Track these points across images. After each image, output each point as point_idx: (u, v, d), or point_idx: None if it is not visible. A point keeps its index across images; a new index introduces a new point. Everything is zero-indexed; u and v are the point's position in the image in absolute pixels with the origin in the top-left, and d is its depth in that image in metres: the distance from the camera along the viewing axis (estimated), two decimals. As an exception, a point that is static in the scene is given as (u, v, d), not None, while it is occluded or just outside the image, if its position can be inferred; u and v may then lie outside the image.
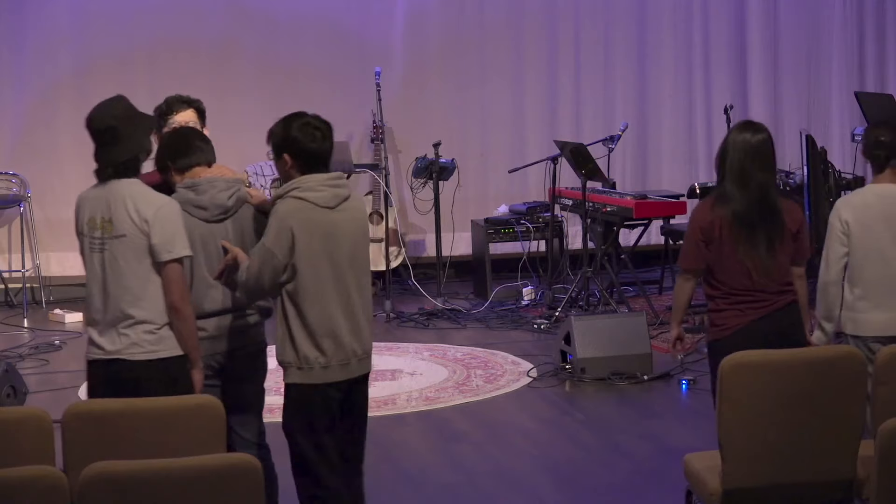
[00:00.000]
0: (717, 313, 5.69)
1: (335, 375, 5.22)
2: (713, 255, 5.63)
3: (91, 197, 5.19)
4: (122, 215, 5.09)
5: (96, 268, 5.14)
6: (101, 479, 4.00)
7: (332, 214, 5.19)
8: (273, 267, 5.11)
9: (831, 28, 12.54)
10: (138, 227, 5.08)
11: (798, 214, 5.74)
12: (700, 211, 5.73)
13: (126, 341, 5.10)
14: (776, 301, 5.64)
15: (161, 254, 5.09)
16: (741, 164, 5.61)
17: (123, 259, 5.09)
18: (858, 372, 5.11)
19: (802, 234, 5.72)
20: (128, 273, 5.09)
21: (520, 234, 11.05)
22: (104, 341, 5.14)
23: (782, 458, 5.11)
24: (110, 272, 5.11)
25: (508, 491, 6.73)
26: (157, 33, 11.32)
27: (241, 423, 5.53)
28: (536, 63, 12.06)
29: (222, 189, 5.44)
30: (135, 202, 5.10)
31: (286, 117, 5.26)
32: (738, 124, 5.77)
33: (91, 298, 5.18)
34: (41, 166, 11.18)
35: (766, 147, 5.66)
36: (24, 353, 9.51)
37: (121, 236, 5.09)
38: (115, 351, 5.12)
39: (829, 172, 9.47)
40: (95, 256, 5.14)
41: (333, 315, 5.18)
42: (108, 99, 5.28)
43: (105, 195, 5.13)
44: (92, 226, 5.14)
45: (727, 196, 5.61)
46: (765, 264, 5.59)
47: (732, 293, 5.64)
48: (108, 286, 5.11)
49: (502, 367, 8.98)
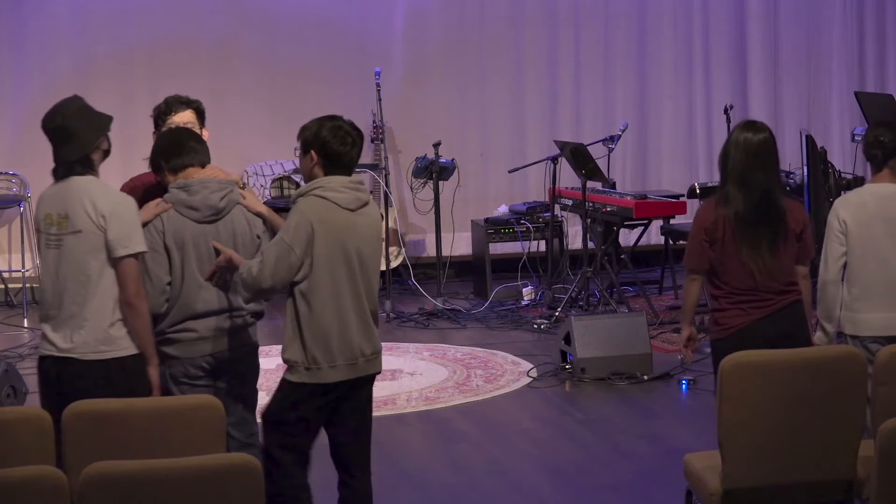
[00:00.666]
0: (720, 313, 5.70)
1: (341, 375, 5.23)
2: (717, 255, 5.64)
3: (48, 195, 5.21)
4: (78, 211, 5.10)
5: (50, 264, 5.15)
6: (101, 479, 4.00)
7: (352, 217, 5.22)
8: (289, 263, 5.11)
9: (831, 28, 12.54)
10: (95, 222, 5.09)
11: (801, 214, 5.74)
12: (703, 211, 5.73)
13: (78, 340, 5.11)
14: (779, 301, 5.64)
15: (117, 249, 5.10)
16: (743, 164, 5.60)
17: (78, 254, 5.10)
18: (858, 372, 5.11)
19: (806, 234, 5.72)
20: (82, 268, 5.10)
21: (520, 234, 11.04)
22: (57, 338, 5.15)
23: (782, 458, 5.11)
24: (64, 268, 5.12)
25: (508, 491, 6.73)
26: (157, 33, 11.32)
27: (234, 424, 5.52)
28: (536, 63, 12.06)
29: (214, 190, 5.44)
30: (91, 198, 5.11)
31: (321, 117, 5.29)
32: (740, 124, 5.76)
33: (44, 294, 5.19)
34: (41, 166, 11.04)
35: (768, 147, 5.65)
36: (24, 353, 9.50)
37: (77, 232, 5.10)
38: (67, 349, 5.13)
39: (829, 172, 9.47)
40: (50, 252, 5.15)
41: (345, 315, 5.20)
42: (63, 99, 5.33)
43: (61, 192, 5.15)
44: (48, 222, 5.15)
45: (729, 197, 5.61)
46: (768, 265, 5.59)
47: (735, 293, 5.64)
48: (62, 282, 5.12)
49: (502, 367, 8.98)
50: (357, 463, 5.40)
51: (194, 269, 5.37)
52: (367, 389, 5.40)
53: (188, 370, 5.42)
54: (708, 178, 11.50)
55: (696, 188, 10.32)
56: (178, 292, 5.38)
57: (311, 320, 5.17)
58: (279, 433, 5.29)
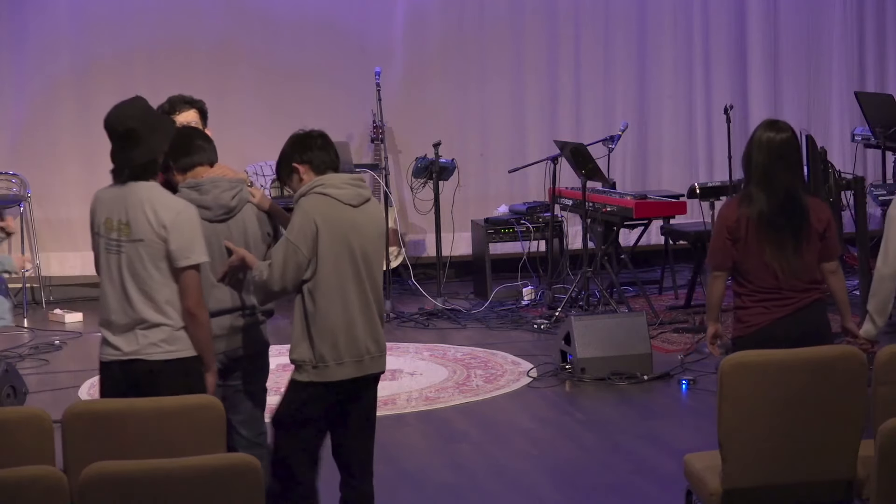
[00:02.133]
0: (742, 310, 5.70)
1: (349, 372, 5.24)
2: (739, 253, 5.64)
3: (107, 198, 5.14)
4: (140, 219, 5.04)
5: (112, 269, 5.09)
6: (101, 479, 4.00)
7: (354, 213, 5.24)
8: (297, 262, 5.13)
9: (831, 28, 12.54)
10: (156, 232, 5.04)
11: (825, 213, 5.72)
12: (727, 209, 5.74)
13: (144, 342, 5.06)
14: (802, 299, 5.64)
15: (179, 260, 5.06)
16: (765, 164, 5.60)
17: (141, 263, 5.05)
18: (858, 372, 5.11)
19: (830, 233, 5.70)
20: (145, 277, 5.06)
21: (520, 234, 11.05)
22: (120, 342, 5.09)
23: (782, 458, 5.11)
24: (127, 275, 5.07)
25: (508, 491, 6.73)
26: (157, 34, 11.32)
27: (244, 422, 5.54)
28: (536, 63, 12.06)
29: (225, 189, 5.45)
30: (153, 206, 5.06)
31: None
32: (763, 124, 5.75)
33: (106, 299, 5.13)
34: (41, 166, 11.18)
35: (791, 146, 5.65)
36: (24, 353, 9.51)
37: (138, 241, 5.05)
38: (133, 351, 5.07)
39: (830, 172, 9.46)
40: (112, 258, 5.09)
41: (351, 312, 5.22)
42: (128, 100, 5.24)
43: (122, 197, 5.09)
44: (108, 227, 5.09)
45: (753, 196, 5.61)
46: (792, 265, 5.59)
47: (759, 291, 5.64)
48: (126, 289, 5.07)
49: (502, 367, 8.98)
50: (359, 464, 5.41)
51: (207, 269, 5.38)
52: (372, 390, 5.41)
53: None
54: (708, 178, 11.50)
55: (696, 188, 10.31)
56: None
57: (317, 318, 5.18)
58: (289, 435, 5.29)
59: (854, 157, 11.10)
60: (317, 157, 5.28)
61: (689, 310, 10.14)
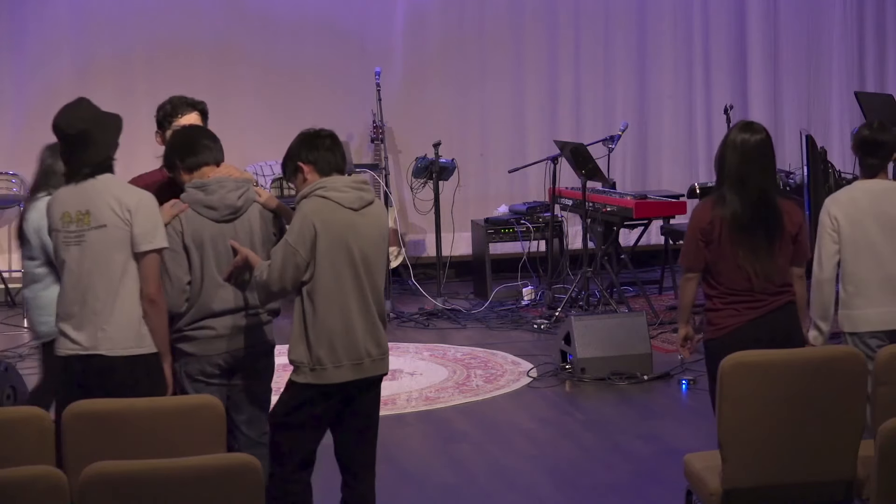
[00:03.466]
0: (713, 312, 5.69)
1: (347, 375, 5.23)
2: (712, 255, 5.63)
3: (63, 195, 5.20)
4: (102, 206, 5.10)
5: (72, 261, 5.13)
6: (101, 479, 4.00)
7: (355, 216, 5.23)
8: (296, 264, 5.13)
9: (831, 28, 12.54)
10: (120, 216, 5.09)
11: (797, 216, 5.72)
12: (700, 211, 5.71)
13: (105, 336, 5.10)
14: (773, 302, 5.63)
15: (142, 244, 5.11)
16: (739, 165, 5.58)
17: (102, 249, 5.10)
18: (858, 372, 5.11)
19: (802, 236, 5.71)
20: (106, 263, 5.10)
21: (520, 234, 11.05)
22: (81, 336, 5.13)
23: (782, 458, 5.11)
24: (88, 263, 5.11)
25: (508, 491, 6.73)
26: (157, 34, 11.33)
27: (247, 422, 5.54)
28: (536, 63, 12.06)
29: (232, 189, 5.45)
30: (114, 193, 5.12)
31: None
32: (737, 125, 5.75)
33: (66, 292, 5.17)
34: (41, 166, 11.17)
35: (765, 148, 5.63)
36: (24, 353, 9.50)
37: (101, 226, 5.10)
38: (93, 346, 5.12)
39: (829, 172, 9.47)
40: (72, 250, 5.13)
41: (350, 315, 5.21)
42: (73, 102, 5.31)
43: (80, 191, 5.14)
44: (66, 220, 5.14)
45: (726, 198, 5.59)
46: (765, 268, 5.58)
47: (730, 293, 5.63)
48: (86, 278, 5.12)
49: (502, 367, 8.98)
50: (361, 465, 5.41)
51: (213, 269, 5.39)
52: (374, 392, 5.40)
53: (205, 368, 5.43)
54: (708, 178, 11.49)
55: (696, 188, 10.32)
56: (197, 291, 5.39)
57: (315, 321, 5.18)
58: (284, 434, 5.30)
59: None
60: (322, 158, 5.28)
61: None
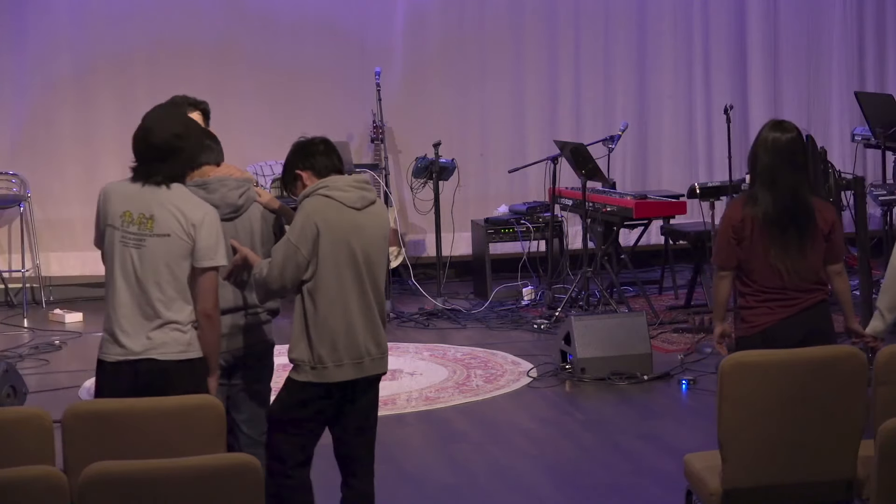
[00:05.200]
0: (747, 310, 5.70)
1: (348, 374, 5.24)
2: (744, 253, 5.64)
3: (125, 191, 5.07)
4: (166, 216, 5.01)
5: (128, 263, 5.02)
6: (101, 479, 4.00)
7: (357, 216, 5.24)
8: (297, 263, 5.14)
9: (831, 28, 12.53)
10: (185, 229, 5.01)
11: (830, 214, 5.72)
12: (732, 209, 5.74)
13: (156, 341, 5.02)
14: (806, 300, 5.64)
15: (203, 259, 5.04)
16: (771, 164, 5.60)
17: (162, 258, 5.01)
18: (858, 372, 5.11)
19: (835, 234, 5.70)
20: (164, 273, 5.01)
21: (520, 234, 11.04)
22: (131, 341, 5.03)
23: (782, 458, 5.11)
24: (145, 269, 5.01)
25: (508, 491, 6.73)
26: (157, 34, 11.32)
27: (248, 421, 5.55)
28: (536, 63, 12.06)
29: (233, 188, 5.46)
30: (180, 205, 5.03)
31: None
32: (768, 124, 5.75)
33: (117, 292, 5.04)
34: (41, 166, 11.18)
35: (796, 146, 5.64)
36: (24, 353, 9.51)
37: (164, 235, 5.00)
38: (143, 350, 5.02)
39: (830, 172, 9.46)
40: (129, 251, 5.02)
41: (351, 314, 5.22)
42: (170, 107, 5.23)
43: (144, 193, 5.04)
44: (127, 220, 5.02)
45: (758, 197, 5.60)
46: (797, 266, 5.59)
47: (763, 291, 5.64)
48: (142, 282, 5.01)
49: (502, 367, 8.98)
50: (360, 464, 5.41)
51: None
52: (373, 391, 5.41)
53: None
54: (708, 178, 11.50)
55: (696, 188, 10.31)
56: None
57: (316, 319, 5.19)
58: (283, 432, 5.31)
59: (854, 157, 11.09)
60: (319, 162, 5.29)
61: (689, 310, 10.14)
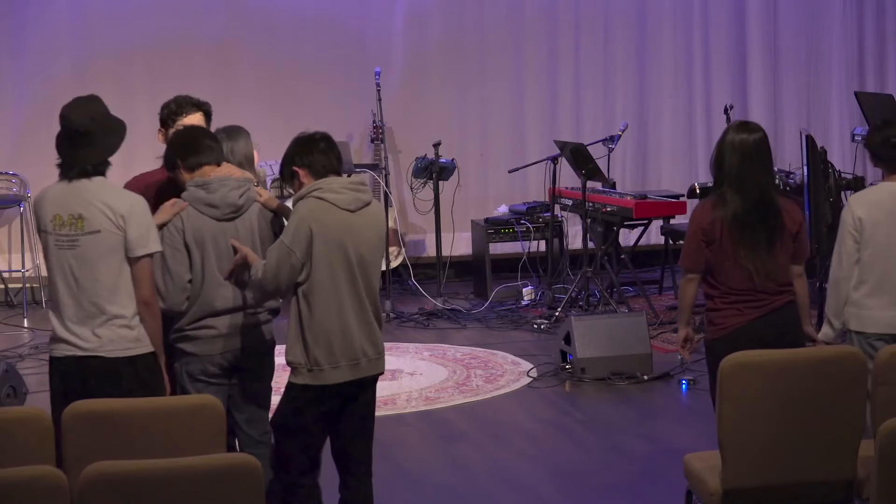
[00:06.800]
0: (715, 312, 5.69)
1: (344, 375, 5.24)
2: (714, 255, 5.63)
3: (54, 195, 5.18)
4: (94, 212, 5.10)
5: (65, 265, 5.13)
6: (101, 479, 4.00)
7: (352, 217, 5.24)
8: (291, 265, 5.14)
9: (831, 28, 12.54)
10: (114, 222, 5.09)
11: (797, 215, 5.73)
12: (700, 211, 5.72)
13: (104, 337, 5.11)
14: (774, 301, 5.64)
15: (136, 249, 5.12)
16: (739, 165, 5.59)
17: (97, 254, 5.10)
18: (858, 372, 5.11)
19: (802, 235, 5.71)
20: (102, 268, 5.10)
21: (520, 234, 11.05)
22: (76, 338, 5.13)
23: (782, 458, 5.11)
24: (82, 268, 5.11)
25: (508, 491, 6.73)
26: (157, 34, 11.32)
27: (248, 421, 5.55)
28: (536, 63, 12.06)
29: (233, 188, 5.46)
30: (105, 199, 5.11)
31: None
32: (733, 125, 5.76)
33: (59, 296, 5.16)
34: (41, 166, 11.09)
35: (763, 147, 5.64)
36: (24, 353, 9.51)
37: (95, 232, 5.10)
38: (92, 348, 5.12)
39: (830, 172, 9.46)
40: (64, 253, 5.13)
41: (346, 316, 5.22)
42: (86, 98, 5.30)
43: (72, 193, 5.13)
44: (58, 223, 5.13)
45: (727, 198, 5.60)
46: (766, 267, 5.59)
47: (732, 293, 5.63)
48: (81, 282, 5.11)
49: (502, 367, 8.98)
50: (358, 465, 5.42)
51: (214, 267, 5.40)
52: (370, 391, 5.42)
53: (206, 368, 5.44)
54: (708, 179, 11.44)
55: (696, 188, 10.32)
56: (198, 290, 5.41)
57: (312, 322, 5.19)
58: (288, 436, 5.31)
59: (854, 157, 11.08)
60: (317, 161, 5.28)
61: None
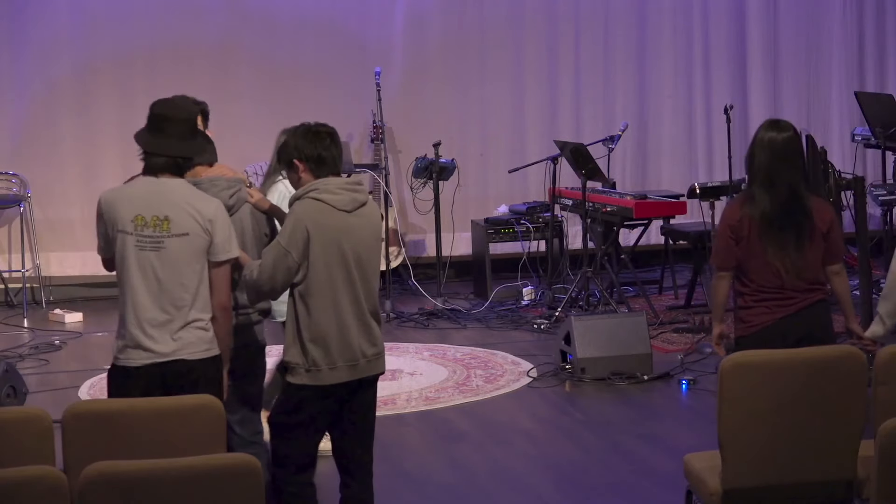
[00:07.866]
0: (745, 310, 5.71)
1: (343, 376, 5.24)
2: (743, 253, 5.65)
3: (130, 195, 5.10)
4: (182, 215, 5.04)
5: (147, 266, 5.04)
6: (101, 479, 4.00)
7: (349, 218, 5.23)
8: (287, 266, 5.14)
9: (831, 28, 12.54)
10: (202, 226, 5.05)
11: (828, 213, 5.72)
12: (730, 209, 5.74)
13: (184, 342, 5.06)
14: (804, 300, 5.65)
15: (220, 253, 5.09)
16: (768, 163, 5.61)
17: (183, 257, 5.04)
18: (858, 372, 5.11)
19: (834, 233, 5.70)
20: (186, 271, 5.05)
21: (520, 234, 11.05)
22: (156, 345, 5.05)
23: (782, 458, 5.11)
24: (167, 270, 5.04)
25: (508, 491, 6.73)
26: (157, 34, 11.32)
27: (240, 422, 5.55)
28: (536, 63, 12.06)
29: (224, 188, 5.46)
30: (193, 202, 5.07)
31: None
32: (765, 123, 5.76)
33: (136, 296, 5.05)
34: (41, 166, 11.18)
35: (793, 145, 5.65)
36: (24, 353, 9.51)
37: (183, 235, 5.04)
38: (172, 352, 5.05)
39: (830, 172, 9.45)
40: (147, 255, 5.04)
41: (343, 316, 5.21)
42: (179, 97, 5.33)
43: (155, 193, 5.07)
44: (140, 223, 5.03)
45: (756, 197, 5.61)
46: (795, 265, 5.60)
47: (761, 290, 5.65)
48: (163, 284, 5.04)
49: (502, 367, 8.98)
50: (358, 465, 5.42)
51: None
52: (370, 391, 5.41)
53: None
54: (708, 178, 11.50)
55: (696, 188, 10.31)
56: None
57: (309, 322, 5.19)
58: (283, 436, 5.31)
59: (854, 157, 11.09)
60: (319, 158, 5.25)
61: (689, 310, 10.15)
